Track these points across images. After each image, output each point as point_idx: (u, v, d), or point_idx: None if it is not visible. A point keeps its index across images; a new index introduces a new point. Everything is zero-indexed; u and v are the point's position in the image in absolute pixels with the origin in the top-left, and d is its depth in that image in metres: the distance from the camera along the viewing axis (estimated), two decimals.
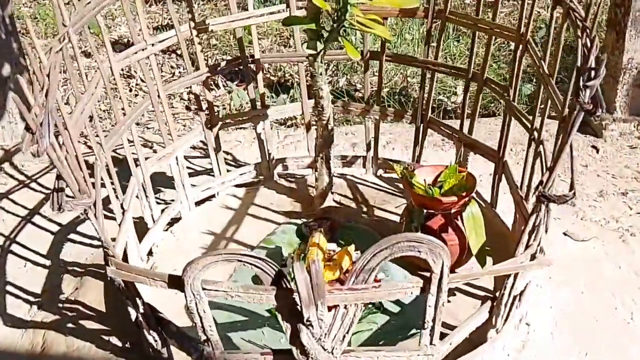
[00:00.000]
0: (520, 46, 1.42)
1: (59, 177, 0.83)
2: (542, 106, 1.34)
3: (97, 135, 1.38)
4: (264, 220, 1.94)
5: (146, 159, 1.80)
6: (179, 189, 1.96)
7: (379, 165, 2.20)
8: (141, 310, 1.06)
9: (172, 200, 2.01)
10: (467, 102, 1.74)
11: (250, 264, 0.89)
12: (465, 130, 1.83)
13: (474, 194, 1.61)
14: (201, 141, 2.17)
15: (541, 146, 1.32)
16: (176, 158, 1.93)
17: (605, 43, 1.95)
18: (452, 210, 1.60)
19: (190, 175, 2.13)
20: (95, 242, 1.68)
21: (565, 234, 1.64)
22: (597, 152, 1.98)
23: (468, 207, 1.60)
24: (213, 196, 2.11)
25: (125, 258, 1.42)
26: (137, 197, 1.77)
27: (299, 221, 1.91)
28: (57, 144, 0.83)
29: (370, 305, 1.53)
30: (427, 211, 1.60)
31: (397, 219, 1.89)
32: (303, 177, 2.22)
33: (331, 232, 1.84)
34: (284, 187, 2.15)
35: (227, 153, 2.40)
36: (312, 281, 0.85)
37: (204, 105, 2.04)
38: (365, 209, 1.99)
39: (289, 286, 0.91)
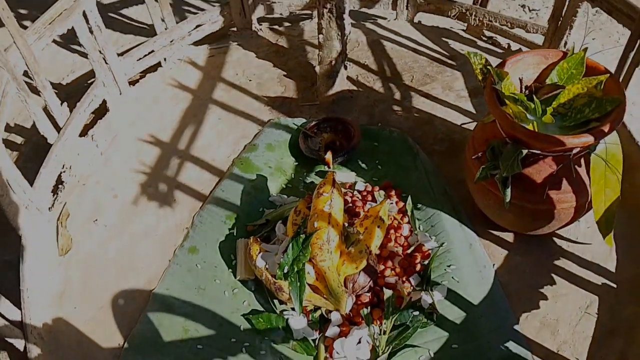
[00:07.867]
0: None
1: None
2: None
3: None
4: (239, 115, 1.24)
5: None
6: (97, 63, 1.20)
7: (418, 7, 1.39)
8: None
9: (91, 82, 1.27)
10: None
11: None
12: None
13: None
14: None
15: None
16: (83, 14, 1.13)
17: None
18: (574, 151, 0.89)
19: (120, 31, 1.35)
20: None
21: None
22: None
23: (601, 142, 0.89)
24: (157, 66, 1.36)
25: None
26: (17, 93, 1.05)
27: (292, 121, 1.20)
28: None
29: (417, 314, 0.92)
30: (528, 151, 0.89)
31: (452, 115, 1.19)
32: (299, 25, 1.43)
33: (345, 141, 1.14)
34: (267, 46, 1.37)
35: None
36: None
37: None
38: (397, 96, 1.26)
39: None
